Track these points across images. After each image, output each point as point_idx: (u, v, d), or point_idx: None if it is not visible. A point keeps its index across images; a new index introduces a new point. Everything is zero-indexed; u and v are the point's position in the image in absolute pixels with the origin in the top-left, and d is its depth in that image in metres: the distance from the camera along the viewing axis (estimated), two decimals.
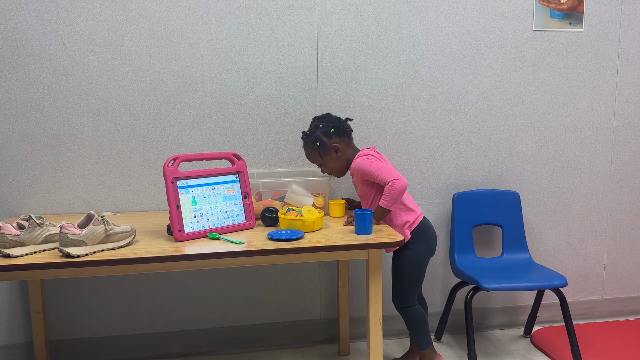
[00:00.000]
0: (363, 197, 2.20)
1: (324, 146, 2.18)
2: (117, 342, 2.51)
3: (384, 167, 2.08)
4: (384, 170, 2.06)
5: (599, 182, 2.85)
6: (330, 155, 2.19)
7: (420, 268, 2.20)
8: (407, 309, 2.22)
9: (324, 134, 2.18)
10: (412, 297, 2.22)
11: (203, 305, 2.57)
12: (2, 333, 2.42)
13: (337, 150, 2.18)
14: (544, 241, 2.84)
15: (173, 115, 2.44)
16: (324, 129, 2.18)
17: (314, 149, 2.20)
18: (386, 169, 2.07)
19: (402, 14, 2.56)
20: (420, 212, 2.22)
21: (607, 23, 2.74)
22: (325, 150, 2.18)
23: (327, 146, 2.18)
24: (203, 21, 2.41)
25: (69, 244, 1.67)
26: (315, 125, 2.22)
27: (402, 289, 2.20)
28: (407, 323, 2.25)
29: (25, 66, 2.30)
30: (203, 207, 1.98)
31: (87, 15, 2.32)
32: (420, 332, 2.23)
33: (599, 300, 2.96)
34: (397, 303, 2.23)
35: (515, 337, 2.75)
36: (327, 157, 2.20)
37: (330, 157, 2.19)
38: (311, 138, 2.20)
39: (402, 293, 2.21)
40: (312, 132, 2.21)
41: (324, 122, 2.20)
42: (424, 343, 2.24)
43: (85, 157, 2.39)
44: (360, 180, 2.16)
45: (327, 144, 2.18)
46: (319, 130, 2.19)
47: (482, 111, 2.69)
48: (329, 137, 2.18)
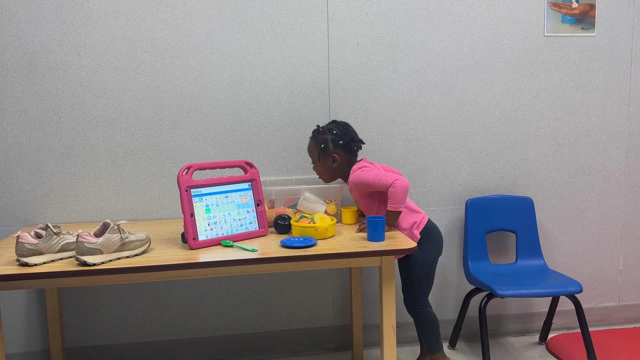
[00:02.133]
0: (367, 210, 2.22)
1: (326, 151, 2.21)
2: (132, 350, 2.53)
3: (380, 173, 2.10)
4: (382, 176, 2.07)
5: (613, 187, 2.83)
6: (327, 161, 2.22)
7: (431, 268, 2.21)
8: (419, 311, 2.22)
9: (332, 141, 2.21)
10: (425, 298, 2.22)
11: (217, 312, 2.59)
12: (19, 340, 2.45)
13: (335, 161, 2.21)
14: (558, 247, 2.82)
15: (187, 124, 2.46)
16: (334, 137, 2.21)
17: (317, 148, 2.23)
18: (383, 174, 2.08)
19: (412, 21, 2.57)
20: (424, 213, 2.24)
21: (619, 27, 2.72)
22: (325, 155, 2.21)
23: (328, 152, 2.21)
24: (215, 32, 2.44)
25: (85, 252, 1.70)
26: (329, 129, 2.24)
27: (415, 291, 2.21)
28: (419, 326, 2.25)
29: (42, 77, 2.35)
30: (217, 215, 1.99)
31: (102, 27, 2.36)
32: (432, 336, 2.23)
33: (615, 307, 2.92)
34: (409, 305, 2.24)
35: (530, 344, 2.73)
36: (323, 161, 2.23)
37: (326, 163, 2.22)
38: (319, 137, 2.23)
39: (414, 295, 2.21)
40: (323, 132, 2.23)
41: (338, 131, 2.22)
42: (435, 347, 2.23)
43: (100, 167, 2.43)
44: (361, 195, 2.19)
45: (329, 150, 2.20)
46: (330, 135, 2.21)
47: (494, 117, 2.68)
48: (334, 146, 2.20)
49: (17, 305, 2.44)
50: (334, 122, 2.27)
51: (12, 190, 2.38)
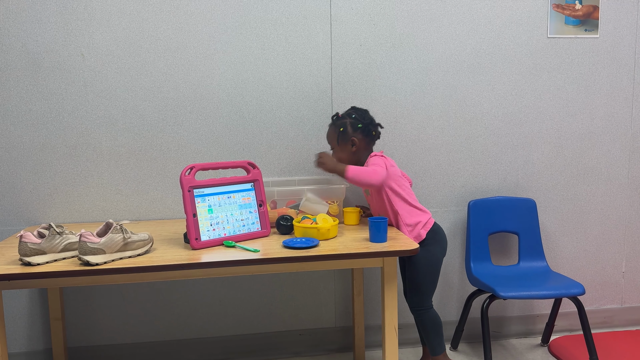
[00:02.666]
0: (372, 201, 2.25)
1: (345, 135, 2.22)
2: (134, 349, 2.53)
3: (376, 164, 2.13)
4: (378, 167, 2.11)
5: (616, 189, 2.82)
6: (346, 145, 2.23)
7: (436, 269, 2.21)
8: (423, 311, 2.21)
9: (351, 124, 2.23)
10: (429, 299, 2.22)
11: (219, 312, 2.59)
12: (21, 340, 2.46)
13: (354, 145, 2.22)
14: (561, 249, 2.81)
15: (189, 124, 2.47)
16: (353, 120, 2.23)
17: (336, 132, 2.25)
18: (378, 164, 2.12)
19: (415, 22, 2.57)
20: (430, 214, 2.25)
21: (623, 29, 2.72)
22: (343, 139, 2.23)
23: (347, 136, 2.22)
24: (219, 32, 2.44)
25: (88, 252, 1.70)
26: (348, 113, 2.27)
27: (419, 291, 2.20)
28: (422, 327, 2.25)
29: (45, 77, 2.36)
30: (219, 216, 2.00)
31: (106, 28, 2.37)
32: (435, 336, 2.22)
33: (618, 309, 2.91)
34: (413, 306, 2.24)
35: (532, 346, 2.72)
36: (342, 145, 2.24)
37: (345, 147, 2.23)
38: (339, 122, 2.25)
39: (419, 296, 2.21)
40: (342, 117, 2.26)
41: (357, 115, 2.25)
42: (438, 348, 2.23)
43: (103, 167, 2.43)
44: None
45: (348, 134, 2.22)
46: (349, 119, 2.24)
47: (497, 118, 2.68)
48: (353, 129, 2.22)
49: (20, 305, 2.44)
50: (353, 108, 2.30)
51: (15, 190, 2.39)
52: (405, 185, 2.21)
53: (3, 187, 2.38)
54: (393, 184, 2.17)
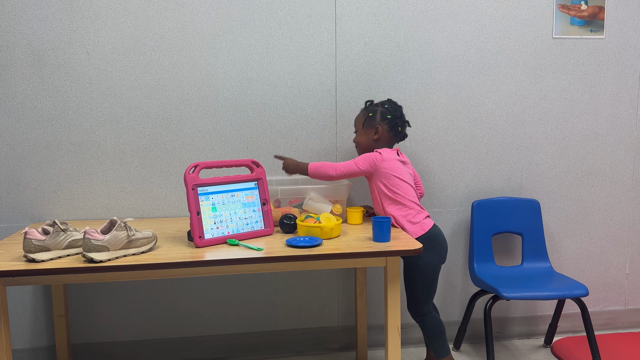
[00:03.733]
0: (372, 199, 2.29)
1: (372, 120, 2.26)
2: (138, 347, 2.54)
3: (359, 157, 2.19)
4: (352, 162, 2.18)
5: (621, 191, 2.81)
6: (369, 131, 2.26)
7: (432, 276, 2.19)
8: (422, 317, 2.21)
9: (381, 113, 2.26)
10: (427, 305, 2.21)
11: (222, 311, 2.59)
12: (25, 336, 2.47)
13: (377, 132, 2.25)
14: (564, 250, 2.81)
15: (194, 123, 2.47)
16: (384, 110, 2.27)
17: (364, 116, 2.28)
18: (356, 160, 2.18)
19: (420, 21, 2.57)
20: (429, 217, 2.21)
21: (628, 30, 2.71)
22: (369, 124, 2.26)
23: (373, 122, 2.26)
24: (223, 31, 2.45)
25: (92, 249, 1.71)
26: (382, 103, 2.30)
27: (415, 298, 2.20)
28: (424, 331, 2.24)
29: (51, 75, 2.36)
30: (223, 214, 2.00)
31: (111, 26, 2.38)
32: (437, 340, 2.22)
33: (621, 311, 2.91)
34: (412, 311, 2.23)
35: (535, 347, 2.72)
36: (366, 130, 2.27)
37: (368, 132, 2.27)
38: (371, 107, 2.30)
39: (415, 302, 2.21)
40: (376, 105, 2.30)
41: (390, 107, 2.28)
42: (441, 351, 2.22)
43: (108, 164, 2.44)
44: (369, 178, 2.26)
45: (375, 120, 2.26)
46: (381, 108, 2.27)
47: (502, 119, 2.68)
48: (381, 118, 2.26)
49: (24, 302, 2.45)
50: (389, 100, 2.33)
51: (20, 187, 2.40)
52: (396, 184, 2.16)
53: (8, 184, 2.39)
54: (380, 182, 2.18)
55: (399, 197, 2.16)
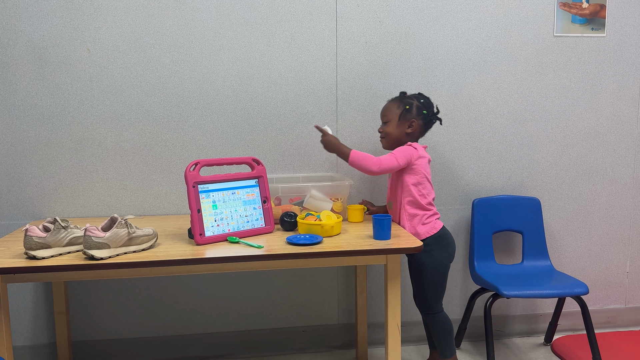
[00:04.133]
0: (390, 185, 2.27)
1: (408, 114, 2.21)
2: (138, 344, 2.54)
3: (398, 152, 2.14)
4: (393, 155, 2.12)
5: (621, 189, 2.81)
6: (403, 125, 2.21)
7: (442, 275, 2.19)
8: (433, 315, 2.21)
9: (417, 107, 2.21)
10: (438, 303, 2.20)
11: (222, 308, 2.60)
12: (26, 333, 2.47)
13: (411, 126, 2.21)
14: (565, 248, 2.81)
15: (194, 120, 2.47)
16: (420, 105, 2.22)
17: (399, 108, 2.21)
18: (396, 155, 2.13)
19: (421, 20, 2.56)
20: (438, 216, 2.22)
21: (629, 28, 2.71)
22: (405, 117, 2.21)
23: (410, 116, 2.20)
24: (224, 28, 2.44)
25: (92, 246, 1.71)
26: (417, 96, 2.25)
27: (426, 296, 2.20)
28: (432, 329, 2.24)
29: (51, 72, 2.36)
30: (223, 211, 2.00)
31: (112, 23, 2.37)
32: (446, 340, 2.21)
33: (621, 309, 2.91)
34: (423, 309, 2.23)
35: (535, 345, 2.72)
36: (400, 123, 2.21)
37: (402, 126, 2.21)
38: (406, 100, 2.23)
39: (427, 300, 2.20)
40: (411, 97, 2.24)
41: (426, 102, 2.24)
42: (447, 351, 2.22)
43: (108, 162, 2.44)
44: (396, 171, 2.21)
45: (412, 114, 2.20)
46: (417, 102, 2.22)
47: (503, 117, 2.68)
48: (417, 113, 2.21)
49: (25, 299, 2.45)
50: (422, 95, 2.28)
51: (21, 184, 2.40)
52: (424, 184, 2.17)
53: (9, 182, 2.39)
54: (408, 178, 2.15)
55: (421, 199, 2.16)
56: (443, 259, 2.18)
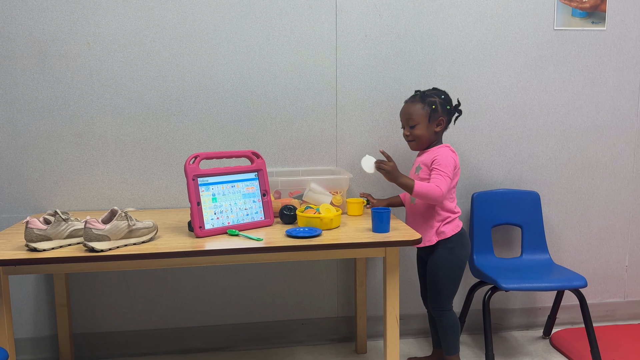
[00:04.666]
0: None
1: (435, 113, 2.15)
2: (139, 337, 2.56)
3: (450, 175, 2.07)
4: (446, 175, 2.05)
5: (621, 183, 2.82)
6: (432, 124, 2.16)
7: (459, 272, 2.18)
8: (444, 312, 2.19)
9: (441, 104, 2.16)
10: (449, 301, 2.20)
11: (222, 301, 2.61)
12: (27, 326, 2.49)
13: (440, 125, 2.17)
14: (564, 242, 2.81)
15: (194, 114, 2.48)
16: (443, 101, 2.17)
17: (424, 109, 2.15)
18: (449, 178, 2.06)
19: (421, 13, 2.56)
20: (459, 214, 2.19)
21: (630, 22, 2.70)
22: (433, 117, 2.15)
23: (437, 115, 2.15)
24: (224, 22, 2.45)
25: (93, 238, 1.72)
26: (436, 92, 2.20)
27: (441, 293, 2.18)
28: (441, 327, 2.22)
29: (52, 66, 2.37)
30: (223, 204, 2.01)
31: (112, 17, 2.38)
32: (453, 337, 2.21)
33: (620, 303, 2.92)
34: (435, 306, 2.21)
35: (534, 339, 2.73)
36: (430, 123, 2.15)
37: (431, 125, 2.16)
38: (429, 99, 2.16)
39: (439, 297, 2.19)
40: (429, 95, 2.18)
41: (446, 97, 2.19)
42: (452, 349, 2.22)
43: (109, 155, 2.45)
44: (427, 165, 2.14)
45: (438, 113, 2.15)
46: (438, 99, 2.17)
47: (502, 111, 2.68)
48: (442, 110, 2.16)
49: (26, 291, 2.47)
50: (436, 89, 2.23)
51: (22, 178, 2.41)
52: (454, 188, 2.16)
53: (9, 175, 2.40)
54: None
55: (451, 202, 2.15)
56: (462, 256, 2.17)
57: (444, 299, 2.18)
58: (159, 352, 2.58)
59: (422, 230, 2.16)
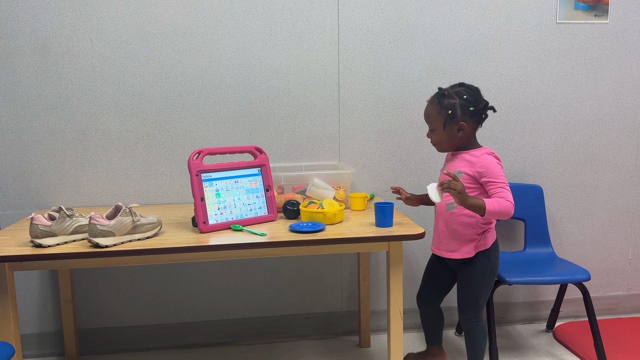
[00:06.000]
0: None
1: (454, 118, 1.94)
2: (143, 332, 2.57)
3: (500, 176, 1.92)
4: (506, 185, 1.90)
5: (624, 176, 2.81)
6: (452, 129, 1.96)
7: (494, 279, 2.09)
8: (477, 322, 2.09)
9: (461, 107, 1.94)
10: (482, 310, 2.10)
11: (226, 296, 2.62)
12: (33, 321, 2.50)
13: (461, 130, 1.95)
14: (567, 235, 2.82)
15: (197, 110, 2.48)
16: (465, 102, 1.94)
17: (441, 114, 1.96)
18: (504, 181, 1.92)
19: (423, 7, 2.55)
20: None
21: (633, 14, 2.69)
22: (451, 122, 1.95)
23: (456, 119, 1.94)
24: (226, 17, 2.44)
25: (97, 234, 1.73)
26: (458, 92, 1.97)
27: (479, 303, 2.07)
28: (473, 337, 2.11)
29: (55, 63, 2.37)
30: (226, 200, 2.02)
31: (114, 13, 2.38)
32: (484, 347, 2.13)
33: (623, 296, 2.92)
34: (468, 317, 2.09)
35: (537, 332, 2.74)
36: (447, 128, 1.96)
37: (451, 131, 1.96)
38: (446, 102, 1.95)
39: (477, 307, 2.07)
40: (450, 96, 1.96)
41: (470, 96, 1.96)
42: (481, 358, 2.14)
43: (112, 151, 2.45)
44: (470, 175, 1.96)
45: (457, 117, 1.94)
46: (459, 100, 1.95)
47: (505, 104, 2.67)
48: (463, 113, 1.94)
49: (31, 287, 2.48)
50: (463, 85, 2.01)
51: (26, 174, 2.42)
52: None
53: (14, 172, 2.41)
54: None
55: None
56: (497, 262, 2.07)
57: (479, 309, 2.08)
58: (163, 347, 2.59)
59: (459, 242, 2.01)
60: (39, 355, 2.51)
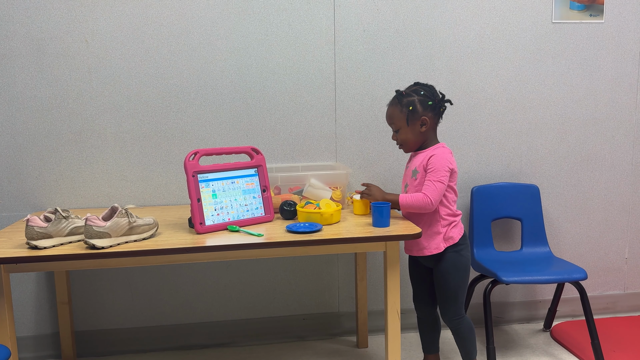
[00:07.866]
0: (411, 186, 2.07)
1: (415, 114, 2.01)
2: (140, 333, 2.57)
3: (443, 181, 1.97)
4: (439, 184, 1.96)
5: (620, 176, 2.82)
6: (415, 125, 2.02)
7: (468, 273, 2.10)
8: (461, 319, 2.10)
9: (420, 102, 2.02)
10: (463, 306, 2.11)
11: (224, 297, 2.61)
12: (29, 324, 2.49)
13: (424, 124, 2.02)
14: (564, 235, 2.82)
15: (193, 111, 2.48)
16: (423, 97, 2.02)
17: (403, 112, 2.02)
18: (441, 184, 1.96)
19: (419, 7, 2.56)
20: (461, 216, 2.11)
21: (628, 14, 2.70)
22: (413, 118, 2.02)
23: (417, 115, 2.01)
24: (221, 18, 2.44)
25: (94, 235, 1.72)
26: (414, 90, 2.05)
27: (458, 300, 2.07)
28: (460, 334, 2.12)
29: (50, 64, 2.36)
30: (223, 201, 2.01)
31: (110, 14, 2.37)
32: (473, 341, 2.14)
33: (620, 295, 2.92)
34: (451, 316, 2.09)
35: (534, 331, 2.74)
36: (411, 126, 2.03)
37: (414, 127, 2.03)
38: (405, 100, 2.03)
39: (457, 304, 2.08)
40: (408, 94, 2.04)
41: (426, 91, 2.04)
42: (473, 353, 2.15)
43: (108, 153, 2.45)
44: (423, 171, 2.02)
45: (418, 112, 2.01)
46: (417, 96, 2.03)
47: (501, 104, 2.68)
48: (423, 108, 2.02)
49: (27, 289, 2.47)
50: (418, 84, 2.09)
51: (21, 176, 2.41)
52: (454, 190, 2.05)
53: (9, 173, 2.40)
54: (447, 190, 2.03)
55: (453, 205, 2.05)
56: (468, 256, 2.09)
57: (459, 306, 2.08)
58: (160, 348, 2.58)
59: (427, 238, 2.03)
60: (36, 357, 2.50)
